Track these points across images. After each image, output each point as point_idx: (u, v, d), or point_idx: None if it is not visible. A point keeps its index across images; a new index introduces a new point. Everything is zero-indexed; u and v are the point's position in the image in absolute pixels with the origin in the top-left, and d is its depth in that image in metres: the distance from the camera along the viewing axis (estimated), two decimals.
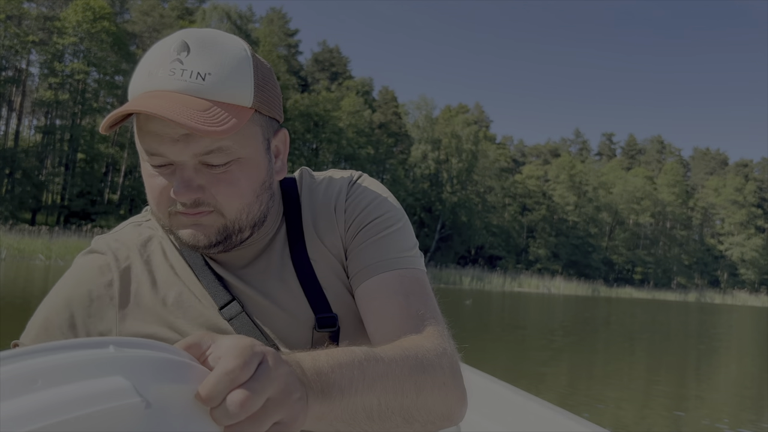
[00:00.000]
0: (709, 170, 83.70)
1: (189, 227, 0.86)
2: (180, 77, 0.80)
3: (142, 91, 0.82)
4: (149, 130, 0.81)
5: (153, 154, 0.82)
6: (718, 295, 67.15)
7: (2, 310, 9.13)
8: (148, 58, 0.83)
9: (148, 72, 0.82)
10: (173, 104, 0.77)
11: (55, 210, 38.90)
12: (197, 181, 0.83)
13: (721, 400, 6.96)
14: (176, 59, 0.81)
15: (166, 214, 0.86)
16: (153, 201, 0.87)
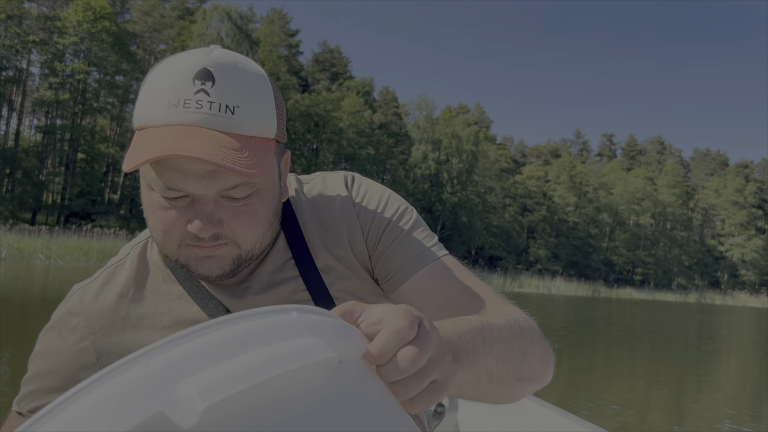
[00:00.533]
0: (710, 171, 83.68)
1: (201, 259, 0.83)
2: (208, 111, 0.76)
3: (164, 123, 0.76)
4: (171, 165, 0.76)
5: (172, 188, 0.78)
6: (719, 296, 67.11)
7: (2, 309, 9.12)
8: (165, 83, 0.77)
9: (169, 102, 0.76)
10: (208, 144, 0.73)
11: (55, 210, 38.91)
12: (218, 215, 0.80)
13: (723, 400, 6.95)
14: (201, 89, 0.76)
15: (176, 246, 0.82)
16: (161, 233, 0.82)
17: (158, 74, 0.79)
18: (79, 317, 0.94)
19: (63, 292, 4.46)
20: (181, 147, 0.72)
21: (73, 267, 21.93)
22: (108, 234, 28.69)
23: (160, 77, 0.78)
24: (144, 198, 0.83)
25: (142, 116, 0.79)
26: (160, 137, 0.74)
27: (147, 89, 0.79)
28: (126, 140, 43.20)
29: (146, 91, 0.79)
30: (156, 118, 0.77)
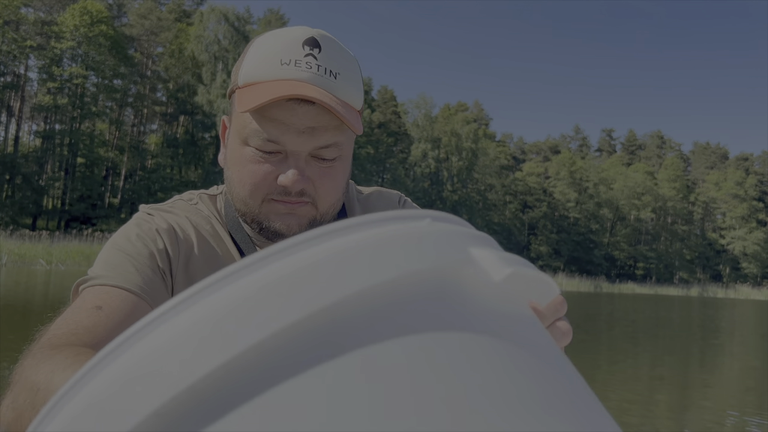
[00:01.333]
0: (710, 164, 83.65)
1: (283, 215, 0.87)
2: (317, 72, 0.82)
3: (276, 78, 0.82)
4: (274, 117, 0.82)
5: (270, 140, 0.83)
6: (721, 290, 67.08)
7: (4, 315, 9.11)
8: (274, 47, 0.84)
9: (280, 61, 0.82)
10: (322, 96, 0.80)
11: (55, 215, 38.92)
12: (307, 172, 0.85)
13: (728, 393, 6.93)
14: (309, 54, 0.83)
15: (260, 201, 0.87)
16: (249, 186, 0.86)
17: (265, 41, 0.85)
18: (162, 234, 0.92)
19: (65, 297, 4.42)
20: (300, 91, 0.78)
21: (75, 272, 21.92)
22: (108, 237, 28.61)
23: (267, 43, 0.85)
24: (232, 153, 0.87)
25: (250, 74, 0.84)
26: (276, 86, 0.80)
27: (253, 53, 0.85)
28: (124, 144, 43.21)
29: (253, 54, 0.85)
30: (267, 74, 0.82)
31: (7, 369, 5.61)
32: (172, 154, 43.31)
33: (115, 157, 42.83)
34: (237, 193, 0.88)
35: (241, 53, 0.91)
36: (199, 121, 42.57)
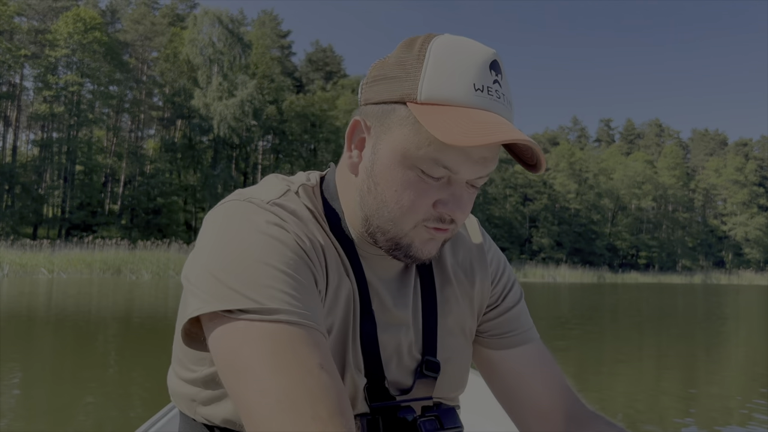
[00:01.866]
0: (709, 151, 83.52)
1: (427, 240, 0.82)
2: (503, 102, 0.77)
3: (473, 105, 0.75)
4: (459, 147, 0.76)
5: (445, 167, 0.76)
6: (724, 276, 67.01)
7: (8, 325, 9.07)
8: (463, 66, 0.76)
9: (474, 85, 0.75)
10: (518, 135, 0.72)
11: (56, 223, 38.91)
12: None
13: (735, 380, 6.90)
14: (495, 80, 0.77)
15: (412, 226, 0.80)
16: (408, 211, 0.79)
17: (449, 53, 0.77)
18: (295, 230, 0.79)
19: (68, 305, 4.40)
20: (513, 135, 0.71)
21: (77, 279, 21.89)
22: (110, 245, 28.66)
23: (453, 57, 0.76)
24: (386, 169, 0.79)
25: (438, 91, 0.75)
26: (484, 120, 0.73)
27: (438, 66, 0.76)
28: (122, 150, 43.17)
29: (437, 67, 0.76)
30: (460, 98, 0.75)
31: (13, 378, 5.56)
32: (171, 159, 43.27)
33: (114, 164, 42.79)
34: (384, 213, 0.80)
35: (234, 56, 0.81)
36: (196, 124, 42.52)
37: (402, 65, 0.78)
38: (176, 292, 17.49)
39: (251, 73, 44.40)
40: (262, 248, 0.73)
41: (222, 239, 0.74)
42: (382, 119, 0.79)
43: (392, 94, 0.78)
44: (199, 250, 0.76)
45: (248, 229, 0.74)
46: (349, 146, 0.83)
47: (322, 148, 48.80)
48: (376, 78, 0.81)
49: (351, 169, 0.83)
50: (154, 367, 6.62)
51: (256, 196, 0.80)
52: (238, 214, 0.77)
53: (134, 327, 9.59)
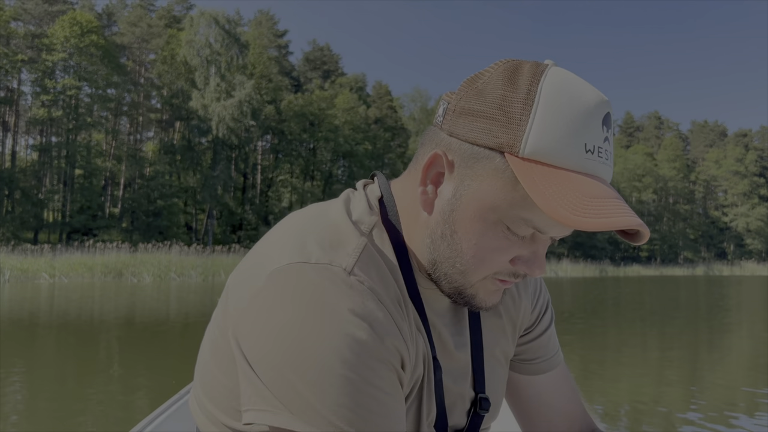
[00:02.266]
0: (709, 142, 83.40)
1: (493, 292, 0.77)
2: (609, 164, 0.69)
3: (581, 170, 0.66)
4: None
5: (535, 227, 0.70)
6: (726, 267, 67.00)
7: (9, 330, 9.05)
8: (576, 119, 0.66)
9: (585, 145, 0.66)
10: (627, 208, 0.65)
11: (56, 227, 38.91)
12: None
13: (738, 371, 6.87)
14: (606, 137, 0.69)
15: (482, 277, 0.74)
16: (480, 262, 0.72)
17: (562, 104, 0.67)
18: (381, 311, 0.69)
19: (70, 309, 4.39)
20: (630, 223, 0.62)
21: (78, 283, 21.88)
22: (111, 248, 28.64)
23: (567, 110, 0.67)
24: (467, 220, 0.71)
25: (548, 149, 0.66)
26: (595, 194, 0.64)
27: (548, 117, 0.66)
28: (122, 153, 43.15)
29: (548, 121, 0.66)
30: (571, 161, 0.66)
31: (16, 383, 5.54)
32: (170, 161, 43.25)
33: (113, 167, 42.76)
34: (457, 264, 0.73)
35: (231, 56, 0.70)
36: (194, 126, 42.49)
37: (505, 107, 0.67)
38: (178, 294, 17.46)
39: (249, 73, 44.35)
40: (348, 358, 0.63)
41: (300, 337, 0.64)
42: (470, 162, 0.70)
43: (489, 139, 0.68)
44: (269, 337, 0.65)
45: (331, 328, 0.63)
46: (424, 180, 0.74)
47: (321, 147, 48.75)
48: (470, 112, 0.70)
49: (424, 205, 0.75)
50: (158, 369, 6.59)
51: (333, 259, 0.68)
52: (317, 298, 0.65)
53: (137, 329, 9.57)
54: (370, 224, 0.76)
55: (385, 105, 56.13)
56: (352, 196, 0.80)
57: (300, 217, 0.77)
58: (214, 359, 0.76)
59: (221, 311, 0.76)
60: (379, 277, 0.71)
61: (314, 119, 47.81)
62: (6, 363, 6.61)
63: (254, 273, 0.70)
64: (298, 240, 0.71)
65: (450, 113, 0.72)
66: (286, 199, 48.48)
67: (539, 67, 0.69)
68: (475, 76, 0.73)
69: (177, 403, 1.94)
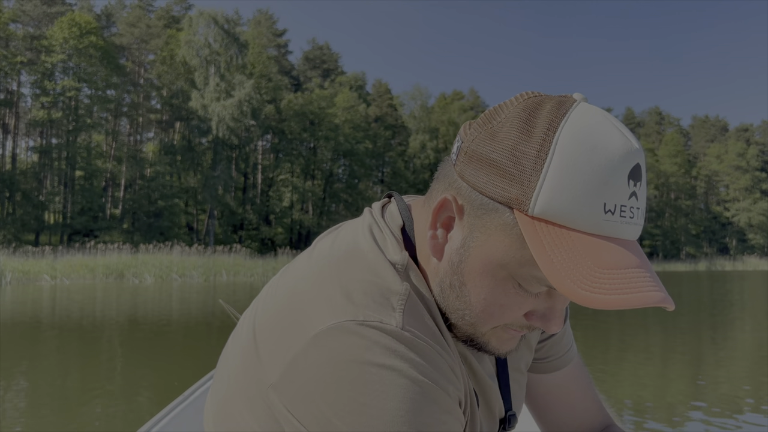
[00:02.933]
0: (710, 138, 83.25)
1: (506, 340, 0.72)
2: (635, 223, 0.61)
3: (597, 233, 0.60)
4: None
5: (548, 286, 0.65)
6: (729, 262, 66.89)
7: (12, 332, 9.01)
8: (597, 174, 0.59)
9: (605, 205, 0.59)
10: (652, 277, 0.59)
11: (57, 229, 38.90)
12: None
13: (742, 367, 6.82)
14: (633, 193, 0.61)
15: (493, 327, 0.70)
16: (490, 317, 0.68)
17: (580, 158, 0.59)
18: (440, 361, 0.65)
19: (72, 311, 4.37)
20: (643, 293, 0.57)
21: (79, 285, 21.86)
22: (112, 249, 28.63)
23: (585, 166, 0.59)
24: (482, 279, 0.66)
25: (560, 210, 0.59)
26: (612, 263, 0.58)
27: (562, 174, 0.59)
28: (122, 154, 43.12)
29: (562, 178, 0.59)
30: (586, 223, 0.59)
31: (20, 384, 5.50)
32: (170, 161, 43.22)
33: (114, 168, 42.76)
34: (466, 317, 0.69)
35: (230, 56, 0.64)
36: (194, 126, 42.46)
37: (516, 158, 0.61)
38: (180, 295, 17.44)
39: (248, 73, 44.29)
40: (420, 420, 0.59)
41: (363, 409, 0.58)
42: (480, 213, 0.65)
43: (498, 192, 0.62)
44: (329, 412, 0.59)
45: (397, 393, 0.58)
46: (434, 223, 0.69)
47: (321, 146, 48.69)
48: (481, 158, 0.64)
49: (433, 250, 0.69)
50: (160, 369, 6.56)
51: (383, 316, 0.63)
52: (375, 365, 0.59)
53: (139, 330, 9.53)
54: (404, 263, 0.70)
55: (385, 103, 56.06)
56: (376, 225, 0.74)
57: (332, 258, 0.70)
58: (248, 409, 0.68)
59: (251, 364, 0.68)
60: (425, 324, 0.66)
61: (314, 118, 47.75)
62: (10, 365, 6.61)
63: (293, 331, 0.64)
64: (339, 291, 0.65)
65: (462, 154, 0.66)
66: (286, 198, 48.44)
67: (561, 109, 0.62)
68: (492, 111, 0.66)
69: (182, 404, 1.95)
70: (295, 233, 48.40)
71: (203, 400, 1.98)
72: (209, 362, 6.30)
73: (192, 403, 1.98)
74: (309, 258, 0.72)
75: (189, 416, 1.91)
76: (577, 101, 0.64)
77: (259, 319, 0.70)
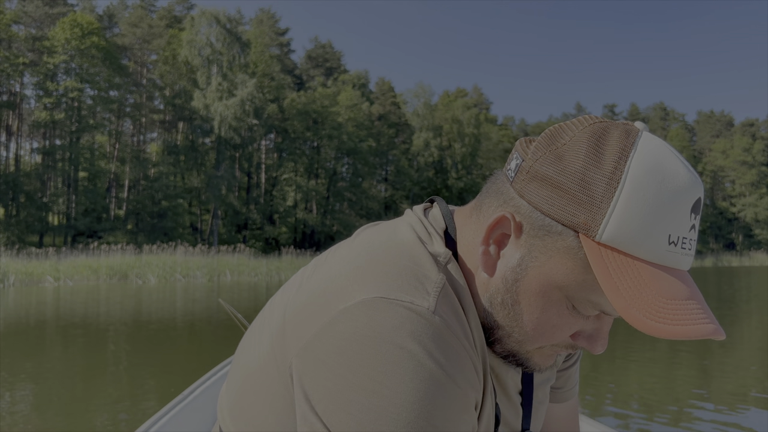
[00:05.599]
0: (715, 133, 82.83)
1: (548, 356, 0.73)
2: (691, 254, 0.63)
3: (659, 263, 0.61)
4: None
5: (603, 311, 0.66)
6: (735, 258, 66.53)
7: (15, 334, 8.92)
8: (665, 207, 0.60)
9: (669, 237, 0.60)
10: (702, 309, 0.60)
11: (61, 230, 38.89)
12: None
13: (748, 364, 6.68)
14: (692, 226, 0.62)
15: (539, 345, 0.70)
16: (540, 336, 0.68)
17: (651, 189, 0.60)
18: (464, 355, 0.64)
19: (75, 312, 4.22)
20: (702, 324, 0.58)
21: (83, 286, 21.79)
22: (116, 250, 28.57)
23: (656, 197, 0.60)
24: (537, 299, 0.67)
25: (628, 239, 0.60)
26: (674, 294, 0.60)
27: (633, 204, 0.60)
28: (125, 154, 43.09)
29: (633, 208, 0.60)
30: (651, 253, 0.60)
31: (24, 385, 5.40)
32: (174, 161, 43.17)
33: (117, 169, 42.74)
34: (514, 334, 0.70)
35: (233, 55, 0.64)
36: (197, 126, 42.39)
37: (586, 183, 0.61)
38: (183, 295, 17.34)
39: (251, 72, 44.19)
40: (431, 411, 0.57)
41: (378, 388, 0.57)
42: (541, 234, 0.65)
43: (565, 216, 0.62)
44: (341, 390, 0.58)
45: (415, 378, 0.57)
46: (487, 239, 0.68)
47: (325, 144, 48.58)
48: (547, 179, 0.63)
49: (485, 266, 0.69)
50: (164, 369, 6.48)
51: (415, 297, 0.62)
52: (398, 347, 0.58)
53: (143, 331, 9.45)
54: (446, 257, 0.69)
55: (388, 101, 55.91)
56: (419, 222, 0.73)
57: (371, 247, 0.69)
58: (263, 398, 0.68)
59: (277, 344, 0.68)
60: (458, 317, 0.65)
61: (317, 117, 47.64)
62: (14, 365, 6.59)
63: (322, 307, 0.63)
64: (373, 270, 0.64)
65: (524, 173, 0.66)
66: (290, 197, 48.35)
67: (629, 138, 0.62)
68: (555, 132, 0.66)
69: (183, 402, 1.96)
70: (299, 233, 48.30)
71: (203, 398, 2.04)
72: (213, 361, 6.20)
73: (192, 401, 1.99)
74: (349, 247, 0.71)
75: (189, 415, 1.91)
76: (641, 130, 0.64)
77: (291, 304, 0.69)
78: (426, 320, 0.59)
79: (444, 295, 0.64)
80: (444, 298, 0.64)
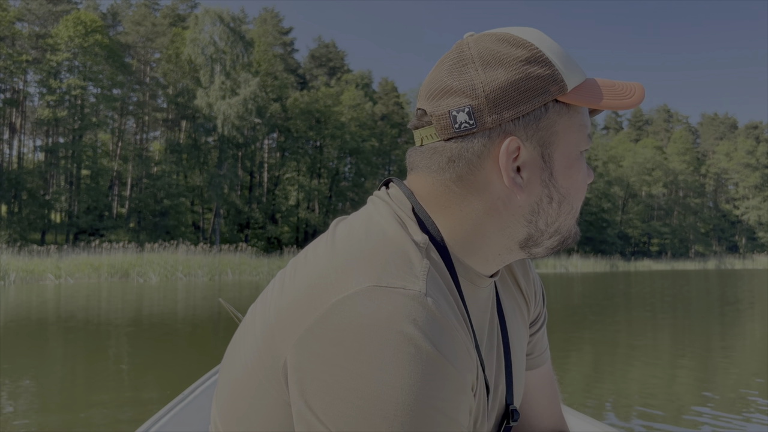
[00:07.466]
0: (719, 135, 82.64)
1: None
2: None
3: (587, 77, 0.75)
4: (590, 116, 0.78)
5: (589, 135, 0.75)
6: (738, 261, 66.36)
7: (15, 332, 8.90)
8: (556, 48, 0.72)
9: (575, 63, 0.74)
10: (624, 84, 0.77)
11: (63, 228, 38.90)
12: None
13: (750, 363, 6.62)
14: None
15: (582, 201, 0.78)
16: (581, 191, 0.77)
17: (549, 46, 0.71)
18: (459, 337, 0.62)
19: (76, 310, 4.21)
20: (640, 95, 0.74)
21: (84, 284, 21.78)
22: (117, 248, 28.55)
23: (553, 48, 0.72)
24: (572, 165, 0.74)
25: (573, 76, 0.71)
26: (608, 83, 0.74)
27: (554, 56, 0.71)
28: (128, 153, 43.10)
29: (555, 58, 0.70)
30: (581, 74, 0.73)
31: (25, 383, 5.38)
32: (176, 160, 43.16)
33: (120, 167, 42.73)
34: (566, 206, 0.75)
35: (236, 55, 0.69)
36: (200, 124, 42.36)
37: (531, 64, 0.69)
38: (184, 294, 17.31)
39: (254, 71, 44.17)
40: (431, 394, 0.56)
41: (381, 379, 0.56)
42: (540, 126, 0.70)
43: (541, 98, 0.69)
44: (346, 379, 0.56)
45: (412, 364, 0.56)
46: (509, 175, 0.69)
47: (328, 144, 48.54)
48: (506, 88, 0.68)
49: (523, 192, 0.71)
50: (165, 368, 6.45)
51: (406, 283, 0.61)
52: (395, 331, 0.57)
53: (144, 329, 9.42)
54: (425, 242, 0.69)
55: (391, 101, 55.85)
56: (388, 207, 0.73)
57: (351, 235, 0.69)
58: (256, 408, 0.66)
59: (265, 349, 0.65)
60: (445, 298, 0.65)
61: (320, 116, 47.59)
62: (15, 363, 6.57)
63: (313, 301, 0.61)
64: (361, 260, 0.63)
65: (486, 106, 0.68)
66: (293, 197, 48.31)
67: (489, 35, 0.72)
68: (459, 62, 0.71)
69: (183, 401, 1.97)
70: (301, 232, 48.25)
71: (203, 398, 2.05)
72: (213, 361, 6.17)
73: (192, 401, 1.99)
74: (331, 242, 0.69)
75: (189, 415, 1.92)
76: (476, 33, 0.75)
77: (276, 307, 0.66)
78: (419, 303, 0.59)
79: (431, 278, 0.64)
80: (432, 281, 0.64)
